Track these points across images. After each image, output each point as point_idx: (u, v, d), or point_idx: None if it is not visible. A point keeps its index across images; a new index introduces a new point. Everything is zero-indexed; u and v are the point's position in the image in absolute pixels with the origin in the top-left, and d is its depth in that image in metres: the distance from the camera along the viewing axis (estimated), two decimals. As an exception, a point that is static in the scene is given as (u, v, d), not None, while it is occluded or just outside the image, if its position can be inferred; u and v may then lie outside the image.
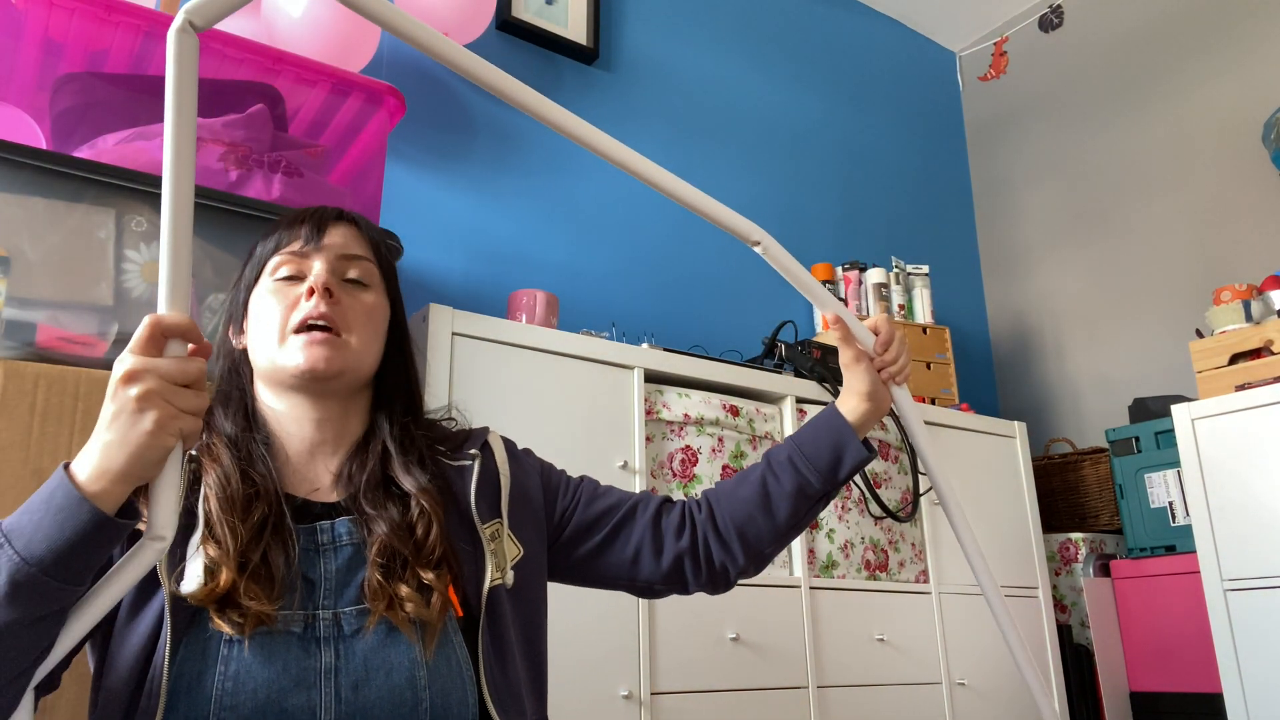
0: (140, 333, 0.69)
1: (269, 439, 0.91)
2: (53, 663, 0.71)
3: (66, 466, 0.69)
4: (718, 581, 1.04)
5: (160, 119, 1.41)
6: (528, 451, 1.06)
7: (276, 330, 0.89)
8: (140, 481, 0.69)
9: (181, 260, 0.71)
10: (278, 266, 0.92)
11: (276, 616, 0.78)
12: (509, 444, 1.04)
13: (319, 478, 0.91)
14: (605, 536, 1.02)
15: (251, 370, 0.94)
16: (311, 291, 0.89)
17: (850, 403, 1.04)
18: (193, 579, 0.78)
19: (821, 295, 1.01)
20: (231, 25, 1.84)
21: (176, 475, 0.70)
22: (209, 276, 1.32)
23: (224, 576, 0.77)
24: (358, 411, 0.95)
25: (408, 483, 0.89)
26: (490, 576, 0.88)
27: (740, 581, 1.05)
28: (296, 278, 0.92)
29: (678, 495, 1.88)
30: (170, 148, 0.72)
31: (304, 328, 0.88)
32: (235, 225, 1.35)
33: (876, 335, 1.05)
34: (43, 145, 1.38)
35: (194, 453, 0.88)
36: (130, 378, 0.67)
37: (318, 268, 0.91)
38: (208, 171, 1.39)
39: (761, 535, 1.02)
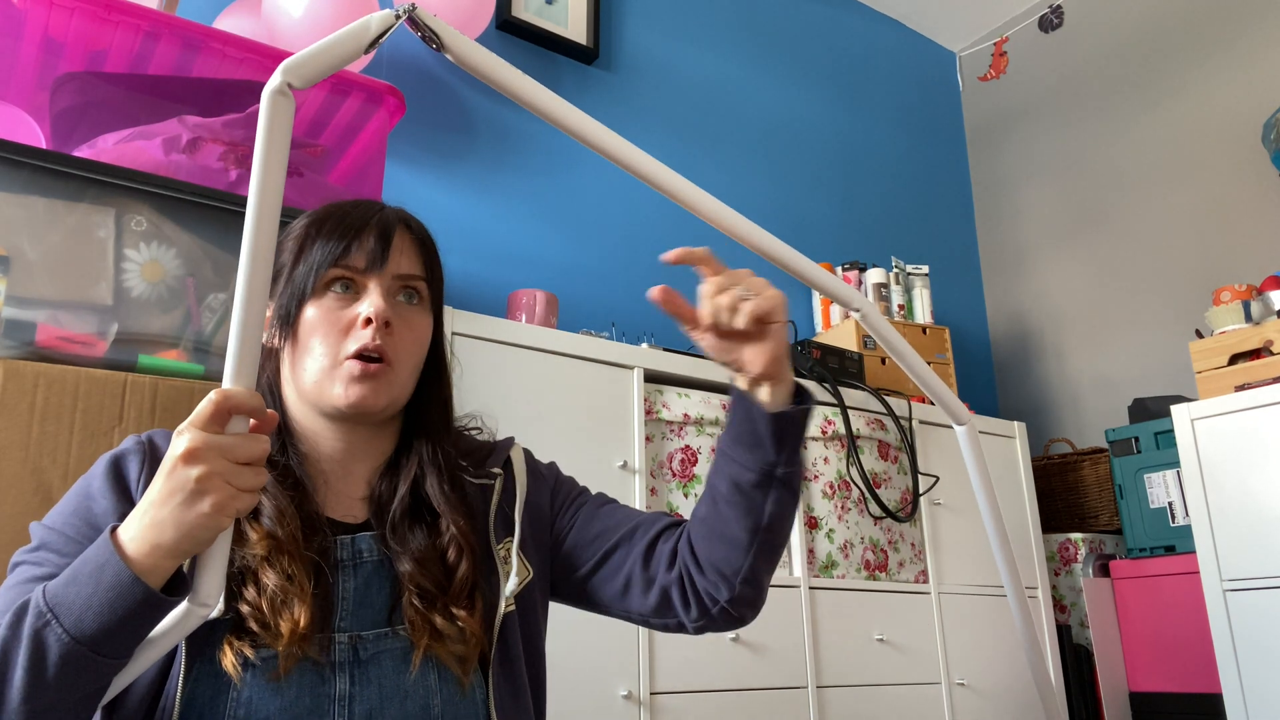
0: (204, 408, 0.65)
1: (302, 459, 0.88)
2: None
3: (114, 531, 0.67)
4: (711, 614, 0.88)
5: (160, 118, 1.41)
6: (550, 465, 1.02)
7: (328, 355, 0.85)
8: (191, 555, 0.67)
9: (252, 332, 0.67)
10: (335, 279, 0.87)
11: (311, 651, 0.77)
12: (530, 459, 1.00)
13: (350, 493, 0.90)
14: (597, 561, 0.94)
15: (282, 372, 0.90)
16: (368, 321, 0.85)
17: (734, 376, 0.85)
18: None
19: (914, 362, 0.91)
20: (231, 25, 1.85)
21: (227, 544, 0.69)
22: (209, 276, 1.32)
23: (303, 616, 0.76)
24: (391, 429, 0.93)
25: (440, 505, 0.87)
26: (504, 605, 0.87)
27: (745, 614, 0.89)
28: (352, 295, 0.87)
29: (678, 496, 1.88)
30: (254, 212, 0.67)
31: (355, 356, 0.85)
32: (235, 225, 1.35)
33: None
34: (43, 145, 1.38)
35: None
36: (191, 456, 0.64)
37: (375, 295, 0.86)
38: (207, 171, 1.39)
39: (730, 550, 0.85)
